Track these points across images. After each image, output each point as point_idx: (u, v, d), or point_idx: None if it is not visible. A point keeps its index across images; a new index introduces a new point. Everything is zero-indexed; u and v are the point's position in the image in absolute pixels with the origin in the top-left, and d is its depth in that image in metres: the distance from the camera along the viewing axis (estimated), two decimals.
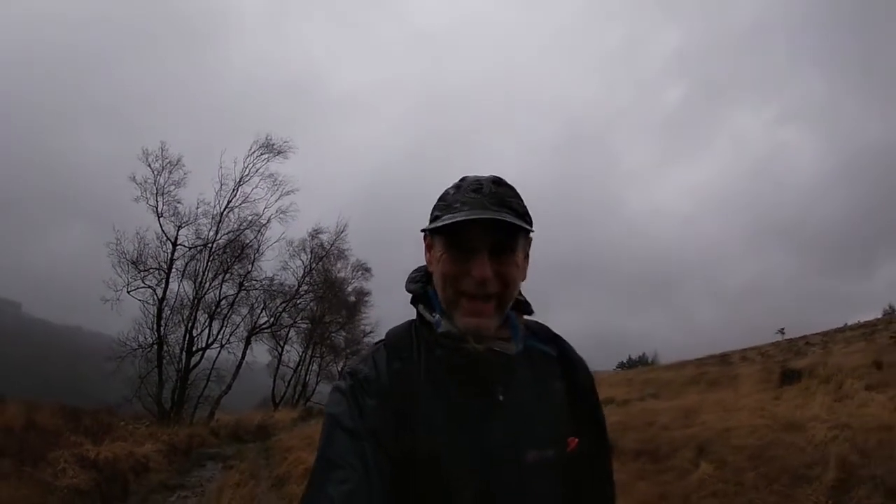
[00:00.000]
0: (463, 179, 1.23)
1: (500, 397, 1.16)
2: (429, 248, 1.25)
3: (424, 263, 1.29)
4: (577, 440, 1.22)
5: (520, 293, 1.22)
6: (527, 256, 1.23)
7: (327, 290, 25.35)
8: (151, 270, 17.31)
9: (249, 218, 19.37)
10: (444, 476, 1.09)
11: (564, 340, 1.34)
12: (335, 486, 1.02)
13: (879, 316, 26.50)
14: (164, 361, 16.95)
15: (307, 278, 24.14)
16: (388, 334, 1.27)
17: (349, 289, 28.14)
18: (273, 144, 19.75)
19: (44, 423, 10.35)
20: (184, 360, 17.60)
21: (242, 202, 19.20)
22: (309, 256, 24.35)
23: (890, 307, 29.18)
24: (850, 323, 25.32)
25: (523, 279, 1.21)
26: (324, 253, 24.82)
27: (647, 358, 36.83)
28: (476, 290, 1.14)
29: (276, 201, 19.76)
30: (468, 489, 1.09)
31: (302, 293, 23.84)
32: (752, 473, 5.81)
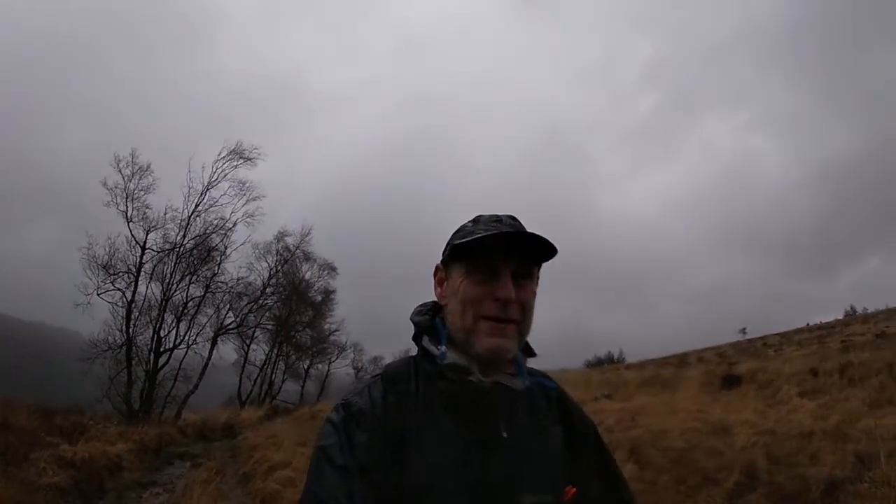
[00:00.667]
0: (479, 216, 1.25)
1: (504, 434, 1.16)
2: (441, 281, 1.27)
3: (427, 300, 1.32)
4: (574, 489, 1.19)
5: None
6: (536, 296, 1.24)
7: (292, 292, 25.87)
8: (121, 274, 17.82)
9: (216, 222, 19.89)
10: None
11: (562, 388, 1.36)
12: None
13: (840, 317, 28.14)
14: (133, 362, 17.44)
15: (272, 280, 24.67)
16: (385, 367, 1.27)
17: (315, 287, 28.65)
18: (243, 151, 20.37)
19: (20, 424, 10.83)
20: (152, 361, 18.08)
21: (210, 207, 19.71)
22: (274, 258, 24.93)
23: (851, 308, 30.53)
24: (811, 323, 26.72)
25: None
26: (289, 255, 25.44)
27: (614, 356, 37.63)
28: (499, 312, 1.16)
29: (242, 206, 20.34)
30: None
31: (268, 295, 24.34)
32: (668, 475, 6.06)
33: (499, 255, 1.16)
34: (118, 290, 17.79)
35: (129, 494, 8.66)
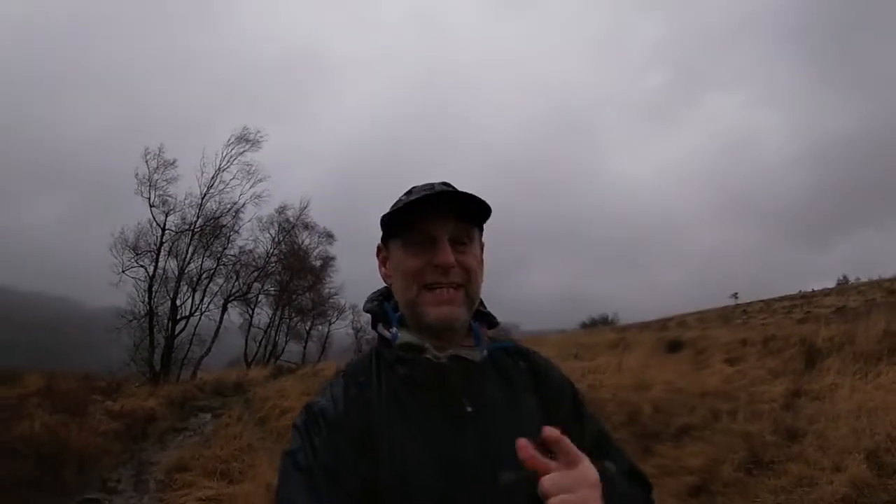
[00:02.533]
0: (413, 187, 1.20)
1: (468, 409, 1.10)
2: (384, 261, 1.22)
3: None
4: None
5: (483, 305, 1.21)
6: (481, 261, 1.19)
7: (293, 259, 27.77)
8: (144, 252, 20.11)
9: (227, 205, 22.15)
10: (416, 499, 1.02)
11: (535, 352, 1.29)
12: None
13: (833, 285, 27.57)
14: (154, 329, 19.68)
15: (275, 250, 26.65)
16: (347, 364, 1.26)
17: (314, 254, 30.36)
18: (248, 136, 22.51)
19: (68, 387, 12.85)
20: (170, 328, 20.31)
21: (222, 190, 21.95)
22: (276, 230, 26.88)
23: (844, 277, 30.28)
24: (803, 291, 26.45)
25: (482, 277, 1.18)
26: (290, 226, 27.36)
27: (608, 318, 36.68)
28: (440, 278, 1.11)
29: (250, 188, 22.56)
30: None
31: (271, 263, 26.35)
32: None
33: (433, 222, 1.12)
34: (141, 266, 20.05)
35: (168, 437, 10.64)
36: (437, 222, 1.12)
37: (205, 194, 21.34)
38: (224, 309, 23.45)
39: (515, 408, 1.15)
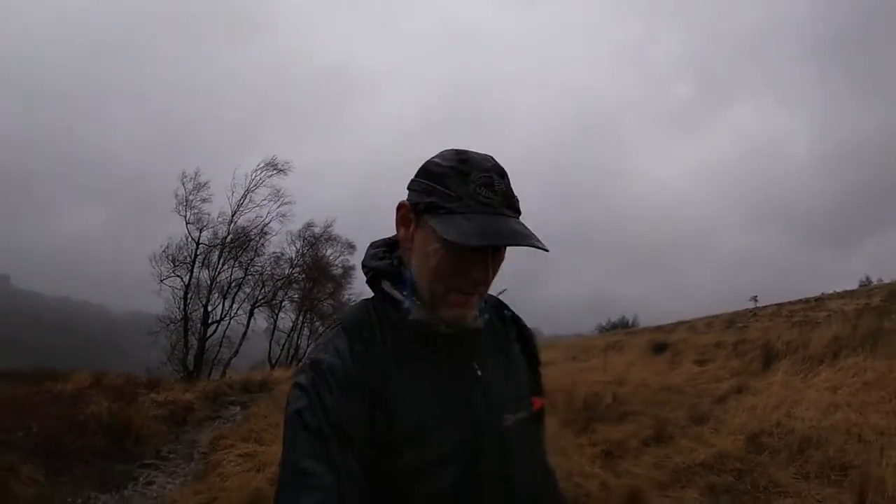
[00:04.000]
0: (465, 162, 1.12)
1: (479, 373, 1.17)
2: (406, 221, 1.17)
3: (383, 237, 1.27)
4: (541, 400, 1.32)
5: None
6: None
7: (315, 270, 29.61)
8: (181, 264, 22.32)
9: (255, 220, 24.39)
10: (434, 447, 1.08)
11: (507, 305, 1.36)
12: (306, 495, 0.99)
13: (856, 287, 26.18)
14: (189, 333, 21.74)
15: (299, 261, 28.63)
16: (343, 318, 1.22)
17: (336, 263, 31.93)
18: (276, 164, 24.80)
19: (113, 383, 14.61)
20: (202, 331, 22.37)
21: (251, 209, 24.18)
22: (301, 243, 29.00)
23: (867, 278, 28.93)
24: (826, 293, 25.02)
25: None
26: (314, 240, 29.44)
27: (628, 321, 35.82)
28: (471, 290, 1.14)
29: (277, 208, 24.83)
30: (459, 456, 1.10)
31: (295, 273, 28.30)
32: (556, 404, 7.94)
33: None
34: (178, 276, 22.27)
35: (205, 424, 12.12)
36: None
37: (234, 212, 23.53)
38: (251, 314, 25.37)
39: (508, 359, 1.27)
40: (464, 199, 1.08)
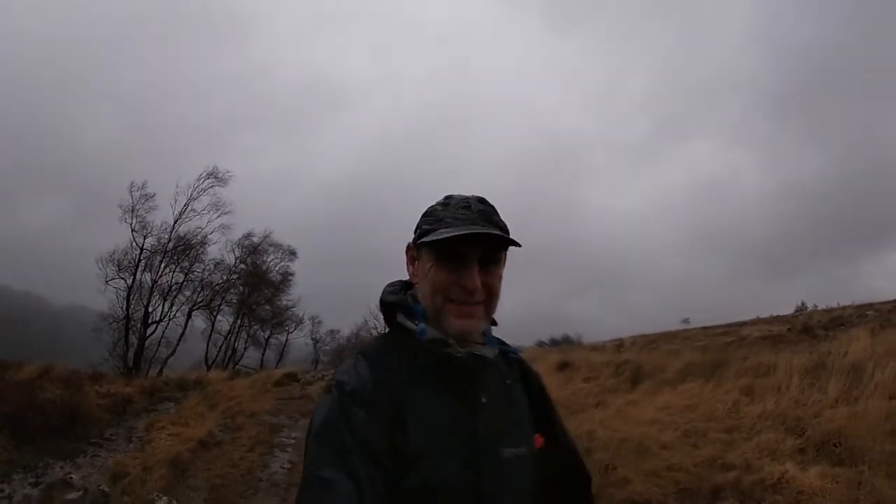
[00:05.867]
0: (449, 198, 1.31)
1: (483, 400, 1.27)
2: (412, 260, 1.34)
3: (395, 279, 1.41)
4: (542, 438, 1.38)
5: None
6: (502, 277, 1.30)
7: (253, 277, 30.94)
8: (125, 268, 23.61)
9: (196, 231, 25.68)
10: (436, 470, 1.16)
11: (516, 350, 1.47)
12: (328, 498, 1.05)
13: (791, 312, 26.75)
14: (130, 332, 23.03)
15: (237, 268, 29.96)
16: (364, 347, 1.34)
17: (275, 270, 33.18)
18: (217, 174, 25.98)
19: (59, 375, 16.07)
20: (142, 331, 23.67)
21: (192, 218, 25.37)
22: (241, 251, 30.24)
23: (802, 304, 29.54)
24: (760, 317, 24.91)
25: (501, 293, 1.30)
26: (252, 249, 30.83)
27: (571, 338, 34.46)
28: (466, 298, 1.24)
29: (217, 218, 26.01)
30: (459, 482, 1.18)
31: (233, 280, 29.62)
32: None
33: (466, 246, 1.21)
34: (122, 278, 23.55)
35: (143, 414, 13.76)
36: (468, 248, 1.23)
37: (176, 220, 24.83)
38: (189, 316, 26.76)
39: (511, 395, 1.39)
40: (444, 219, 1.25)
